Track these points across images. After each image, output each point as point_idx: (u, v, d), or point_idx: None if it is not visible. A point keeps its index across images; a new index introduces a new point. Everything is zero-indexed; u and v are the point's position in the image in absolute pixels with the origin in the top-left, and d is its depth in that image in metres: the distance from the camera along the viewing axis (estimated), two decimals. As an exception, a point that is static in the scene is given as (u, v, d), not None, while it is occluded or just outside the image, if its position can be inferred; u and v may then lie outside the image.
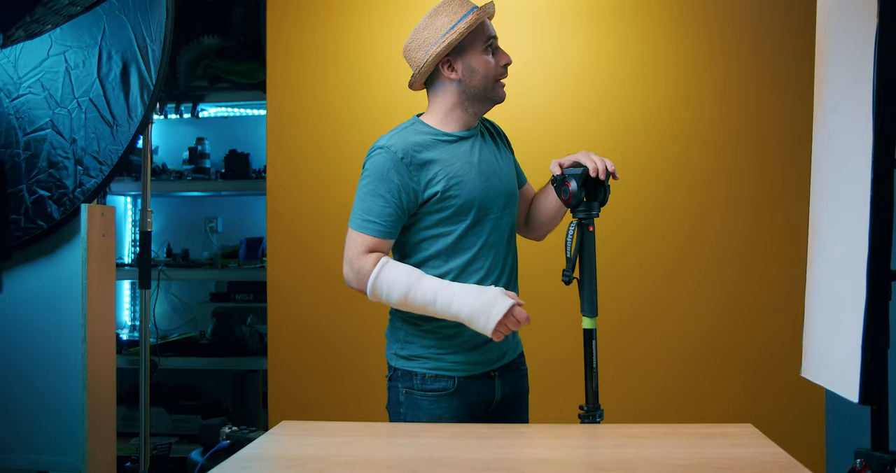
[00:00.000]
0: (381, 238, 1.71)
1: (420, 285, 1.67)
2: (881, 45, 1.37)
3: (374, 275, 1.69)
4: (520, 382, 1.90)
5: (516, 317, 1.63)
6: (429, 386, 1.76)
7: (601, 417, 1.76)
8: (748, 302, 2.85)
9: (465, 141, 1.80)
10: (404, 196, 1.71)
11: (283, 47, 3.08)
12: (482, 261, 1.77)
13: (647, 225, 2.90)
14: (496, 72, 1.77)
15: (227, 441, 1.82)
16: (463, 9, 1.75)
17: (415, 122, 1.81)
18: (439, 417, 1.75)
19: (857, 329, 1.39)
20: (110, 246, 2.60)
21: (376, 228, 1.71)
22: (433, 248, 1.76)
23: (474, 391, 1.79)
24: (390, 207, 1.70)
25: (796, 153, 2.72)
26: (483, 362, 1.80)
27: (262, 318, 3.47)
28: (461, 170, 1.75)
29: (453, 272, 1.75)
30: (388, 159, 1.71)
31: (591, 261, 1.77)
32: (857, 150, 1.43)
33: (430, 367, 1.77)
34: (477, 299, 1.64)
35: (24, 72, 2.67)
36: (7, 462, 2.61)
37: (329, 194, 3.02)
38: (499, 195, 1.80)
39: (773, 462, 1.33)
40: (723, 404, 2.83)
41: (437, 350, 1.77)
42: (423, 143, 1.74)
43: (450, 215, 1.74)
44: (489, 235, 1.78)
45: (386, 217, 1.71)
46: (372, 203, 1.70)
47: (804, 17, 2.65)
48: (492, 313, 1.62)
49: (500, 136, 1.94)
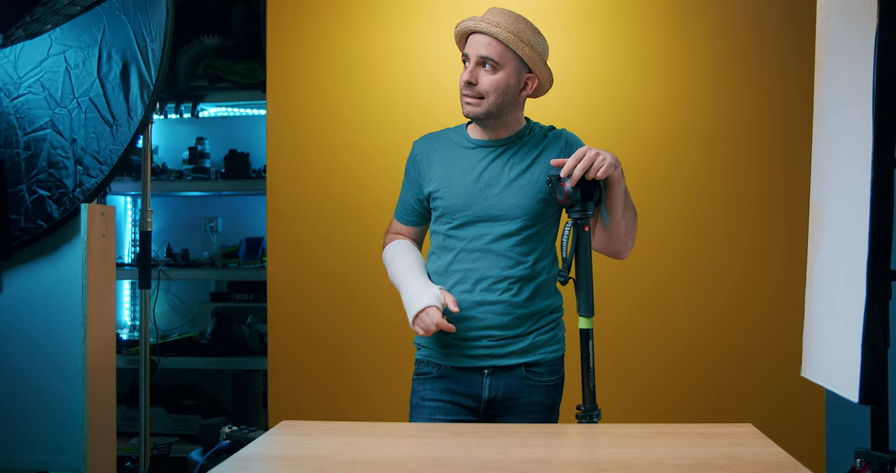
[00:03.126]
0: (402, 223, 1.99)
1: (394, 268, 1.90)
2: (881, 45, 1.37)
3: (384, 252, 1.98)
4: (524, 391, 1.86)
5: (430, 318, 1.73)
6: (421, 369, 1.92)
7: (598, 417, 1.77)
8: (747, 302, 2.85)
9: (484, 148, 1.87)
10: (415, 188, 1.93)
11: (283, 47, 3.08)
12: (458, 265, 1.85)
13: (645, 224, 2.87)
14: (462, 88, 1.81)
15: (227, 441, 1.83)
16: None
17: (457, 127, 1.95)
18: (423, 397, 1.88)
19: (857, 329, 1.39)
20: (110, 246, 2.60)
21: (399, 214, 1.99)
22: (434, 242, 1.93)
23: (460, 379, 1.87)
24: (408, 197, 1.96)
25: (796, 152, 2.72)
26: (469, 357, 1.85)
27: (262, 318, 3.47)
28: (456, 174, 1.84)
29: (440, 269, 1.88)
30: (410, 155, 1.95)
31: (588, 261, 1.77)
32: (857, 150, 1.43)
33: (424, 354, 1.92)
34: (410, 292, 1.80)
35: (24, 71, 2.67)
36: (7, 463, 2.61)
37: (329, 194, 3.02)
38: (492, 207, 1.82)
39: (773, 462, 1.33)
40: (723, 404, 2.83)
41: (431, 339, 1.88)
42: (440, 143, 1.91)
43: (440, 214, 1.88)
44: (469, 242, 1.84)
45: (405, 204, 1.97)
46: (402, 192, 1.99)
47: (804, 16, 2.65)
48: (410, 308, 1.78)
49: (553, 150, 1.88)
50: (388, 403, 2.90)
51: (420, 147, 1.93)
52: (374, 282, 2.81)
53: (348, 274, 3.00)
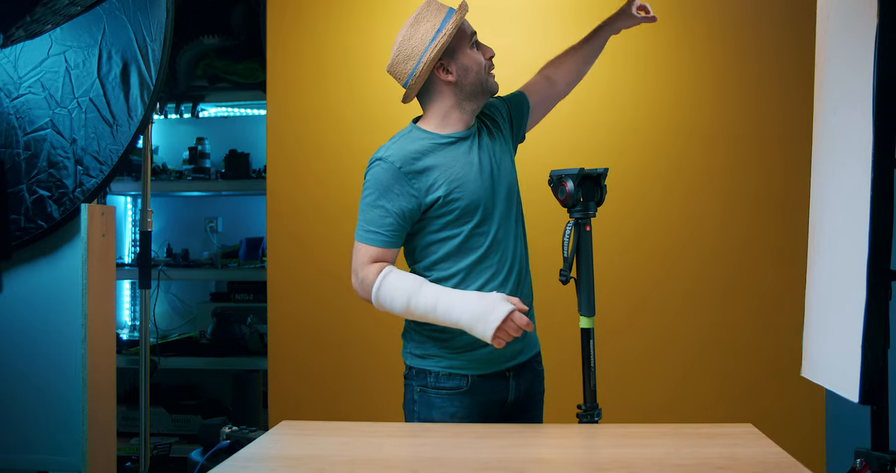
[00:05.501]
0: (383, 247, 1.75)
1: (421, 293, 1.70)
2: (881, 45, 1.37)
3: (377, 285, 1.72)
4: (535, 383, 1.89)
5: (516, 323, 1.62)
6: (442, 384, 1.78)
7: (599, 416, 1.77)
8: (748, 302, 2.84)
9: (463, 141, 1.81)
10: (405, 205, 1.73)
11: (283, 47, 3.08)
12: (491, 259, 1.77)
13: (645, 224, 2.90)
14: (486, 64, 1.82)
15: (227, 441, 1.83)
16: (441, 12, 1.78)
17: (412, 130, 1.83)
18: (452, 415, 1.76)
19: (857, 329, 1.39)
20: (110, 246, 2.60)
21: (379, 238, 1.74)
22: (441, 251, 1.77)
23: (487, 389, 1.79)
24: (391, 217, 1.73)
25: (796, 152, 2.72)
26: (496, 360, 1.79)
27: (262, 318, 3.47)
28: (461, 171, 1.76)
29: (462, 272, 1.76)
30: (387, 170, 1.74)
31: (589, 261, 1.77)
32: (858, 151, 1.43)
33: (443, 365, 1.78)
34: (476, 306, 1.65)
35: (24, 71, 2.67)
36: (7, 462, 2.61)
37: (329, 194, 3.02)
38: (502, 189, 1.81)
39: (773, 462, 1.33)
40: (723, 404, 2.83)
41: (450, 348, 1.78)
42: (421, 150, 1.76)
43: (455, 218, 1.75)
44: (497, 231, 1.78)
45: (387, 227, 1.74)
46: (373, 214, 1.74)
47: (804, 16, 2.65)
48: (490, 319, 1.62)
49: (493, 118, 1.92)
50: (388, 403, 2.89)
51: (398, 159, 1.74)
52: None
53: (348, 274, 2.98)
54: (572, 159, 2.14)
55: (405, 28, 1.80)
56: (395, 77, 1.83)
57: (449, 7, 1.79)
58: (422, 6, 1.79)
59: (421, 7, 1.79)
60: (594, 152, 2.84)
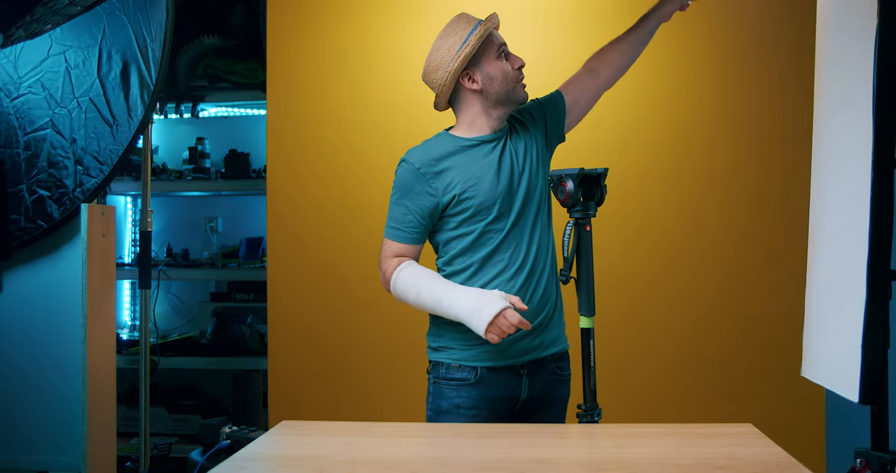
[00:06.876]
0: (404, 243, 1.87)
1: (429, 287, 1.80)
2: (881, 45, 1.37)
3: (394, 278, 1.85)
4: (554, 386, 1.89)
5: (508, 320, 1.67)
6: (452, 374, 1.85)
7: (599, 416, 1.77)
8: (748, 302, 2.85)
9: (487, 144, 1.88)
10: (425, 203, 1.84)
11: (283, 47, 3.08)
12: (502, 254, 1.83)
13: (645, 224, 2.90)
14: (513, 74, 1.86)
15: (227, 441, 1.83)
16: (470, 24, 1.86)
17: (440, 135, 1.93)
18: (458, 405, 1.82)
19: (857, 329, 1.39)
20: (110, 246, 2.60)
21: (401, 235, 1.87)
22: (458, 247, 1.86)
23: (497, 383, 1.82)
24: (411, 215, 1.85)
25: (796, 152, 2.72)
26: (508, 353, 1.82)
27: (262, 318, 3.47)
28: (478, 171, 1.83)
29: (473, 266, 1.84)
30: (408, 170, 1.86)
31: (589, 261, 1.78)
32: (858, 151, 1.43)
33: (455, 358, 1.85)
34: (475, 301, 1.72)
35: (24, 71, 2.67)
36: (7, 462, 2.61)
37: (329, 194, 3.02)
38: (521, 189, 1.85)
39: (773, 462, 1.33)
40: (723, 404, 2.83)
41: (463, 341, 1.83)
42: (443, 153, 1.86)
43: (471, 215, 1.83)
44: (511, 229, 1.84)
45: (407, 224, 1.86)
46: (397, 211, 1.88)
47: (804, 15, 2.65)
48: (483, 315, 1.69)
49: (523, 121, 1.96)
50: (388, 403, 2.91)
51: (418, 161, 1.85)
52: (374, 282, 2.79)
53: (349, 274, 3.00)
54: (572, 159, 2.13)
55: (437, 40, 1.89)
56: (429, 86, 1.92)
57: (478, 20, 1.87)
58: (453, 19, 1.88)
59: (452, 19, 1.88)
60: (594, 152, 2.84)
